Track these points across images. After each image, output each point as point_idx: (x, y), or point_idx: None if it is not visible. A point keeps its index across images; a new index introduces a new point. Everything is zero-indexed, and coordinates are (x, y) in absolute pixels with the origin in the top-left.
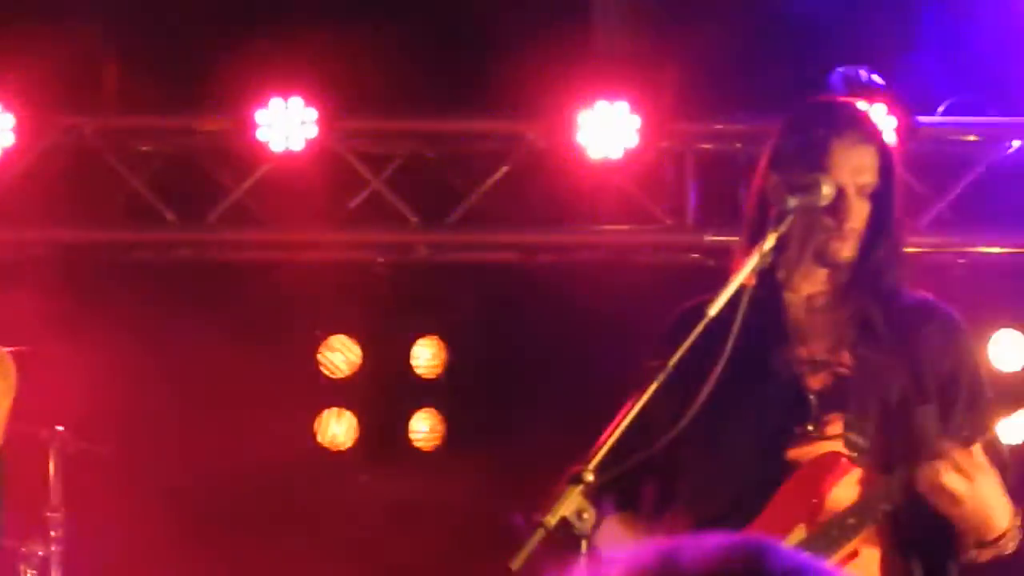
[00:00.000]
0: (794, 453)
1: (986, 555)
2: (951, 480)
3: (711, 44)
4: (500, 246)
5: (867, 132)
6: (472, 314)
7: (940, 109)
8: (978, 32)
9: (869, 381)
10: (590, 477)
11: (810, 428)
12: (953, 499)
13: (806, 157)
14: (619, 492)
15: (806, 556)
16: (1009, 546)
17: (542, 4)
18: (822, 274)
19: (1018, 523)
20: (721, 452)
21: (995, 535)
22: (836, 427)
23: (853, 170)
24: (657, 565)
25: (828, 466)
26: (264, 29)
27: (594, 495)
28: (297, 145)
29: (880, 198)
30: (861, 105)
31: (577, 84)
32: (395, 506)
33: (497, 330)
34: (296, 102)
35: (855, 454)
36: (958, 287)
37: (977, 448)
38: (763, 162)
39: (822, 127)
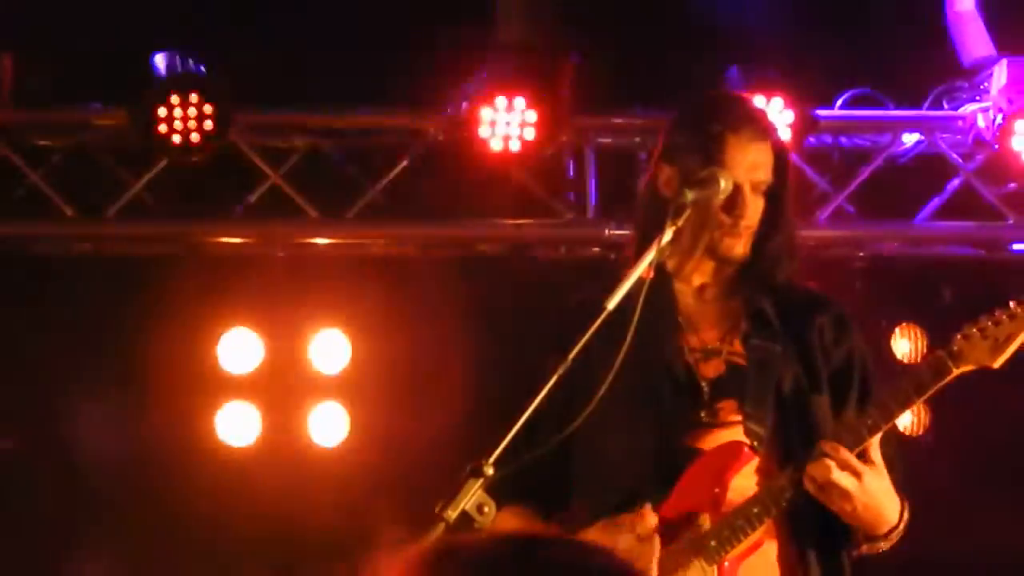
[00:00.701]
0: (691, 441)
1: (873, 550)
2: (840, 478)
3: (610, 38)
4: (401, 240)
5: (762, 129)
6: (373, 308)
7: (838, 103)
8: (874, 25)
9: (763, 370)
10: (490, 471)
11: (703, 415)
12: (843, 496)
13: (701, 152)
14: (518, 485)
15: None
16: (894, 541)
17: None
18: (711, 265)
19: (907, 517)
20: (617, 443)
21: (884, 530)
22: (732, 414)
23: (748, 167)
24: (435, 555)
25: (730, 454)
26: (159, 22)
27: (494, 488)
28: (196, 139)
29: (774, 195)
30: (757, 101)
31: (477, 78)
32: (298, 502)
33: (399, 324)
34: (194, 96)
35: (754, 443)
36: (858, 281)
37: (873, 442)
38: (655, 155)
39: (717, 123)
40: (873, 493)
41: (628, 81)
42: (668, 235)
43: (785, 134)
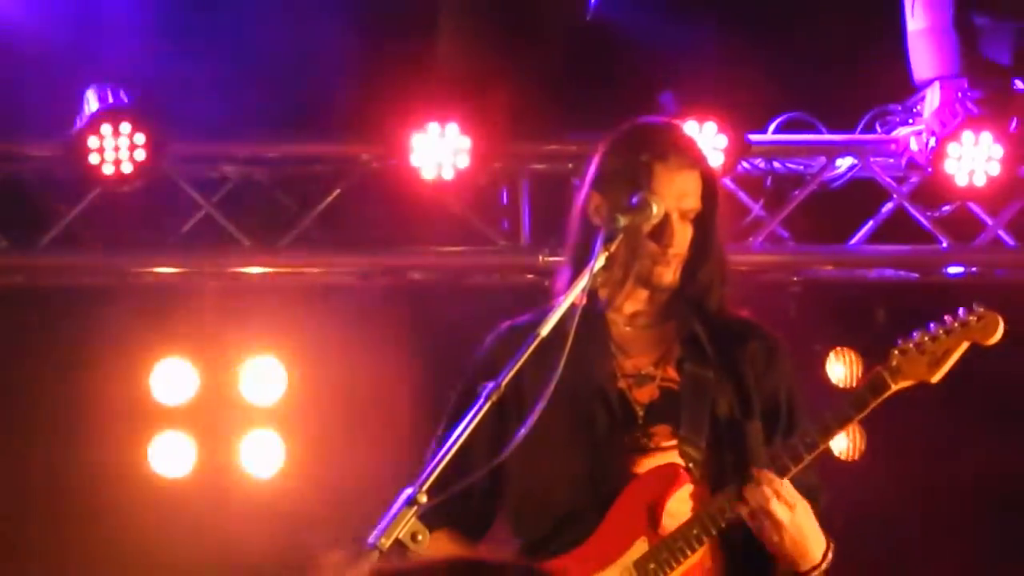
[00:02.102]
0: (627, 465)
1: None
2: (776, 508)
3: (543, 65)
4: (334, 268)
5: (691, 157)
6: (308, 336)
7: (771, 127)
8: (807, 50)
9: (696, 395)
10: (423, 499)
11: (638, 440)
12: (775, 526)
13: (629, 181)
14: (451, 512)
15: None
16: None
17: (375, 28)
18: (644, 294)
19: (831, 557)
20: (551, 468)
21: (807, 567)
22: (666, 439)
23: (676, 195)
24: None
25: (665, 477)
26: (88, 49)
27: (427, 515)
28: (128, 169)
29: (703, 222)
30: (690, 126)
31: (409, 106)
32: (231, 532)
33: (334, 352)
34: (126, 126)
35: (690, 465)
36: (793, 305)
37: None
38: (585, 183)
39: (645, 152)
40: (801, 527)
41: (561, 107)
42: (601, 261)
43: (718, 159)
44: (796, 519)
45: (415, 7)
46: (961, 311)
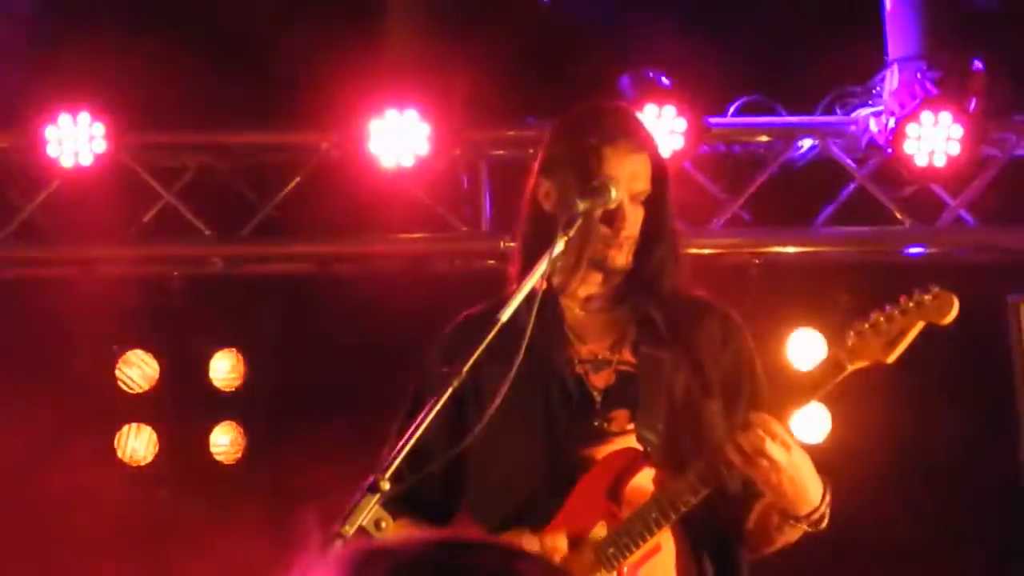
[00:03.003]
0: (585, 450)
1: (796, 533)
2: (772, 448)
3: (501, 50)
4: (296, 257)
5: (639, 140)
6: (270, 326)
7: (730, 110)
8: (765, 32)
9: (653, 378)
10: (386, 486)
11: (596, 425)
12: (772, 467)
13: (578, 165)
14: (413, 499)
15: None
16: (821, 524)
17: (331, 15)
18: (598, 277)
19: (828, 500)
20: (510, 455)
21: (806, 510)
22: (625, 423)
23: (626, 178)
24: (361, 556)
25: (624, 461)
26: (49, 44)
27: (391, 504)
28: (87, 160)
29: (654, 204)
30: (648, 110)
31: (367, 93)
32: (196, 520)
33: (296, 341)
34: (84, 117)
35: (648, 449)
36: (755, 287)
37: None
38: (535, 168)
39: (593, 136)
40: (799, 468)
41: (519, 92)
42: (560, 246)
43: (678, 142)
44: (793, 459)
45: None
46: (916, 291)
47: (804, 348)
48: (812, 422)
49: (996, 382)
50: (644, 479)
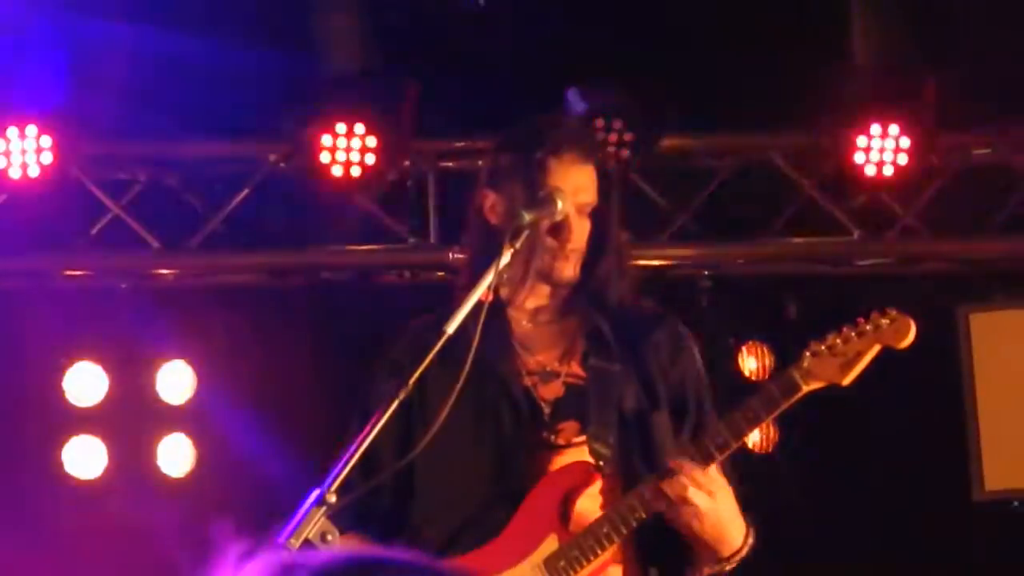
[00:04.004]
0: (534, 462)
1: (716, 571)
2: (694, 496)
3: (446, 63)
4: (243, 269)
5: (584, 151)
6: (219, 338)
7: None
8: (718, 39)
9: (602, 390)
10: (333, 499)
11: (545, 436)
12: (694, 514)
13: (524, 177)
14: (359, 512)
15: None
16: (728, 567)
17: (279, 26)
18: (545, 290)
19: (751, 541)
20: (459, 468)
21: (728, 552)
22: (573, 436)
23: (572, 190)
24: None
25: (575, 474)
26: None
27: (337, 518)
28: (34, 172)
29: (600, 216)
30: (596, 123)
31: (315, 106)
32: (145, 534)
33: (245, 353)
34: (32, 129)
35: (600, 463)
36: (704, 299)
37: (713, 466)
38: (481, 180)
39: (538, 148)
40: (721, 513)
41: (469, 105)
42: (506, 257)
43: (625, 154)
44: (715, 505)
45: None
46: (873, 314)
47: (753, 360)
48: (759, 432)
49: (946, 392)
50: (594, 492)
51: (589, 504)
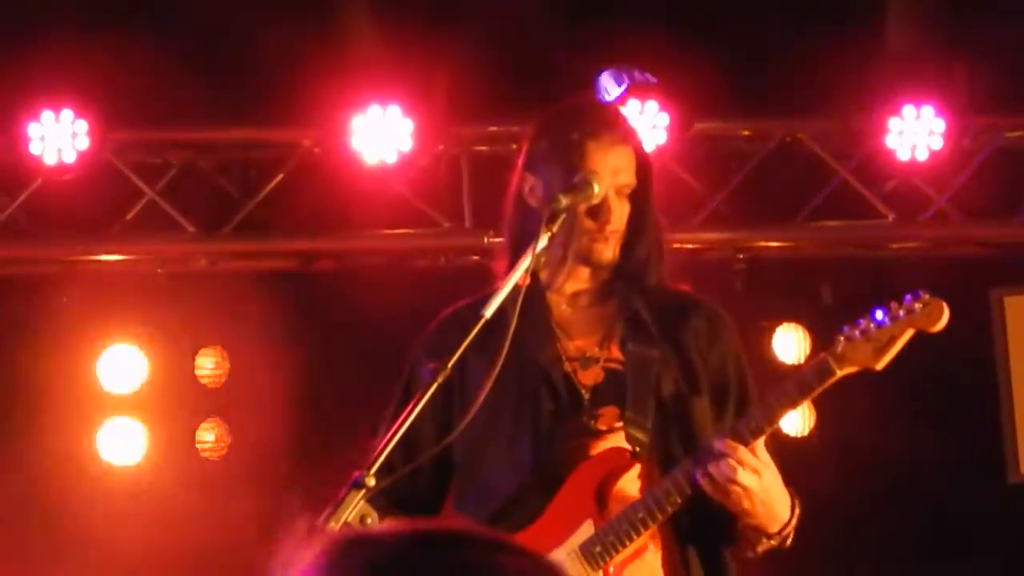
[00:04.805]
0: (573, 448)
1: (768, 548)
2: (743, 477)
3: (484, 44)
4: (279, 254)
5: (622, 133)
6: (254, 322)
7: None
8: (753, 25)
9: (642, 375)
10: (372, 482)
11: (584, 423)
12: (744, 495)
13: (562, 161)
14: (400, 497)
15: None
16: (790, 539)
17: (315, 10)
18: (585, 272)
19: (798, 512)
20: (497, 452)
21: (777, 527)
22: (613, 421)
23: (611, 172)
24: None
25: (612, 460)
26: (31, 40)
27: (377, 499)
28: (70, 158)
29: (639, 198)
30: (632, 105)
31: (349, 89)
32: (184, 517)
33: (280, 338)
34: (67, 114)
35: (636, 448)
36: (739, 282)
37: (759, 442)
38: (519, 164)
39: (576, 131)
40: (769, 490)
41: (504, 89)
42: (543, 241)
43: (661, 137)
44: (764, 483)
45: None
46: (907, 298)
47: (788, 343)
48: (795, 415)
49: (981, 375)
50: (632, 478)
51: (626, 489)
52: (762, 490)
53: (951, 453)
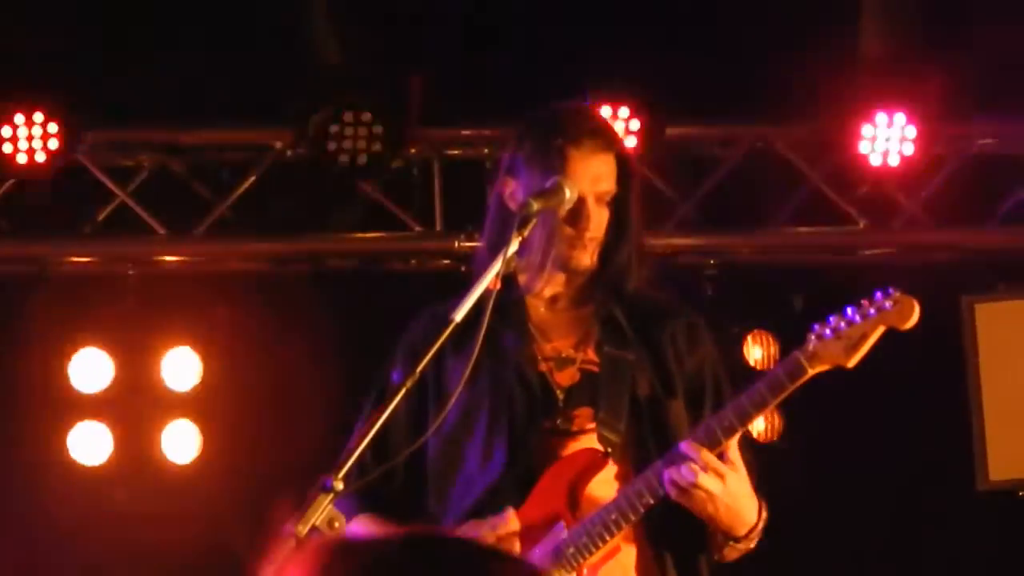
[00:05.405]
0: (546, 448)
1: (735, 553)
2: (705, 481)
3: (457, 49)
4: (249, 256)
5: (605, 140)
6: (224, 324)
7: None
8: (726, 30)
9: (616, 377)
10: (340, 486)
11: (558, 423)
12: (707, 499)
13: (543, 165)
14: (370, 499)
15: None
16: (754, 542)
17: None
18: (561, 278)
19: (764, 515)
20: (471, 452)
21: (744, 531)
22: (586, 422)
23: (592, 179)
24: (331, 551)
25: (585, 461)
26: (1, 41)
27: (349, 503)
28: (41, 159)
29: (620, 205)
30: (603, 110)
31: (320, 92)
32: (151, 521)
33: (250, 340)
34: (39, 115)
35: (609, 449)
36: (709, 288)
37: (732, 443)
38: (501, 169)
39: (559, 136)
40: (735, 495)
41: (474, 91)
42: (514, 246)
43: (632, 142)
44: (729, 487)
45: None
46: (877, 295)
47: (758, 349)
48: (764, 422)
49: (951, 382)
50: (607, 479)
51: (600, 491)
52: (726, 494)
53: (922, 460)
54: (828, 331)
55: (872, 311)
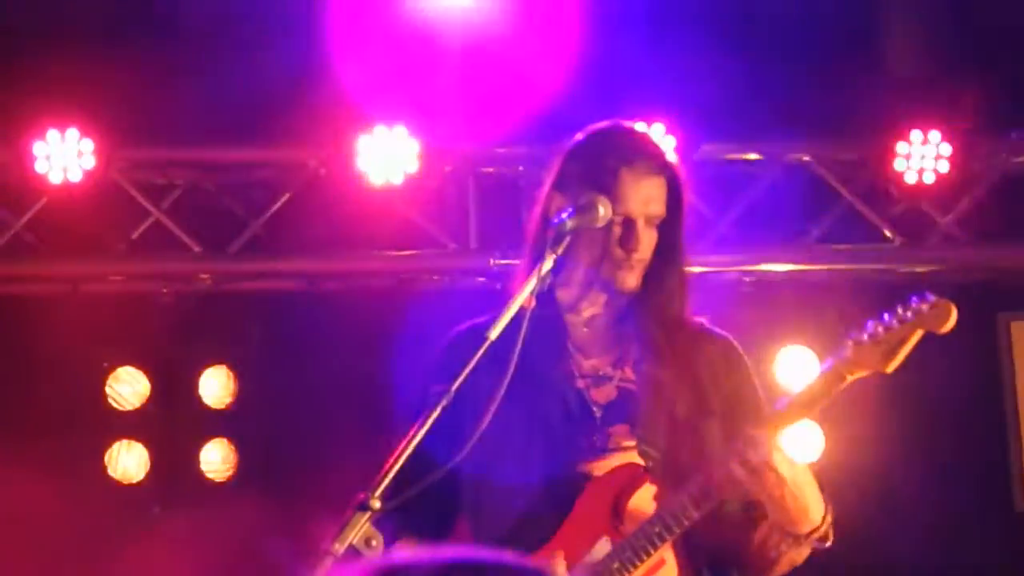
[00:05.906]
0: (584, 465)
1: (788, 560)
2: (778, 460)
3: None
4: (283, 274)
5: (657, 163)
6: (259, 342)
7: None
8: (760, 51)
9: (654, 395)
10: (377, 504)
11: (596, 440)
12: (777, 480)
13: (593, 184)
14: (407, 518)
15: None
16: (826, 543)
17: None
18: (603, 297)
19: (831, 520)
20: (509, 470)
21: (806, 529)
22: (624, 439)
23: (642, 201)
24: (379, 572)
25: (626, 476)
26: (36, 59)
27: (382, 521)
28: (75, 177)
29: (668, 227)
30: (651, 132)
31: (355, 109)
32: (188, 538)
33: (285, 358)
34: (73, 133)
35: (650, 464)
36: (744, 304)
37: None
38: (548, 184)
39: (612, 157)
40: (801, 485)
41: (513, 111)
42: (549, 263)
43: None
44: (796, 475)
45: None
46: (914, 299)
47: (793, 366)
48: (805, 440)
49: (986, 399)
50: (646, 495)
51: (641, 506)
52: (794, 482)
53: (959, 480)
54: (865, 337)
55: (909, 315)
